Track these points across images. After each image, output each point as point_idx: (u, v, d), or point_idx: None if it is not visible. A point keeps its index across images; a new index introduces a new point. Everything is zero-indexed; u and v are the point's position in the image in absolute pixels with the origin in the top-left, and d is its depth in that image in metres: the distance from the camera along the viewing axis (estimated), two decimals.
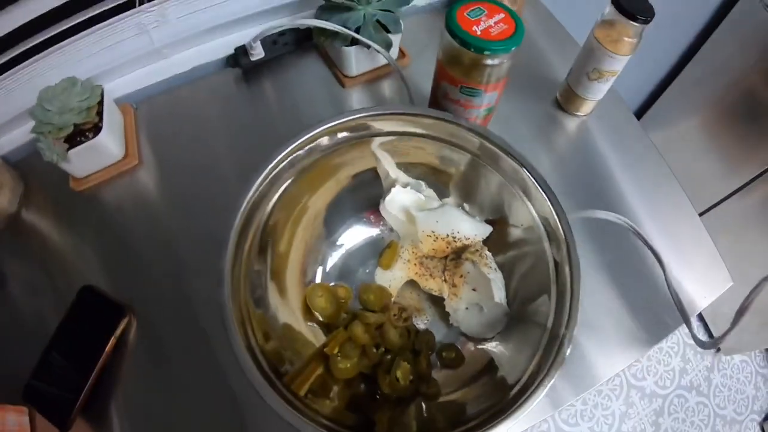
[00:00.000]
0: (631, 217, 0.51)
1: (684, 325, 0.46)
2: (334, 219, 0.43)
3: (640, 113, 1.23)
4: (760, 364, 1.22)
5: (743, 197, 0.99)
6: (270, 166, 0.35)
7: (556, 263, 0.36)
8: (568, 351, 0.32)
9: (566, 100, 0.55)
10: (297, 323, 0.39)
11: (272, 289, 0.37)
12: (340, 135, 0.38)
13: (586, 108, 0.55)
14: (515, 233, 0.41)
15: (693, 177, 1.06)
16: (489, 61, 0.38)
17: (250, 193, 0.35)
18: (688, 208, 0.52)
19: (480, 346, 0.41)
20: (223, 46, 0.56)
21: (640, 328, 0.45)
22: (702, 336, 1.21)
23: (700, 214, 1.06)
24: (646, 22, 0.44)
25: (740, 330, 1.20)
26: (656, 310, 0.46)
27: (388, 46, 0.48)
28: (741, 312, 0.42)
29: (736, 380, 1.19)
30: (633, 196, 0.52)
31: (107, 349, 0.41)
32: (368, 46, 0.46)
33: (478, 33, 0.37)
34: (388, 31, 0.48)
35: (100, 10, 0.50)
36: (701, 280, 0.49)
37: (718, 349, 1.20)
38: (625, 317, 0.46)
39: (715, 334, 1.19)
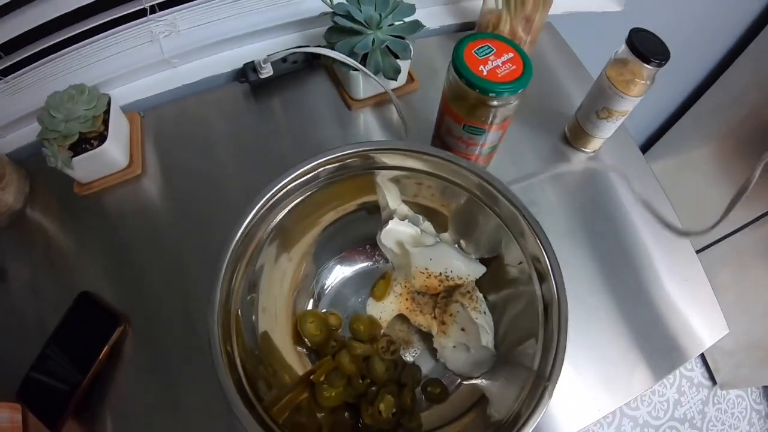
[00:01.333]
0: (631, 255, 0.50)
1: (679, 366, 0.47)
2: (331, 246, 0.43)
3: (652, 141, 1.22)
4: (756, 400, 1.21)
5: (752, 231, 0.98)
6: (270, 193, 0.35)
7: (545, 306, 0.36)
8: (550, 399, 0.32)
9: (574, 135, 0.55)
10: (282, 344, 0.39)
11: (262, 310, 0.38)
12: (342, 164, 0.38)
13: (594, 145, 0.54)
14: (511, 272, 0.41)
15: (702, 207, 1.05)
16: (494, 103, 0.37)
17: (248, 219, 0.35)
18: (690, 253, 0.52)
19: (466, 382, 0.41)
20: (231, 59, 0.57)
21: (640, 365, 0.46)
22: (700, 374, 1.21)
23: (708, 247, 1.05)
24: (660, 64, 0.43)
25: (738, 366, 1.19)
26: (658, 347, 0.47)
27: (396, 72, 0.48)
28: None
29: (731, 415, 1.18)
30: (635, 236, 0.52)
31: (101, 356, 0.42)
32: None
33: (485, 73, 0.36)
34: (397, 57, 0.48)
35: (112, 17, 0.50)
36: (698, 326, 0.48)
37: (715, 383, 1.19)
38: (626, 354, 0.46)
39: (714, 369, 1.18)
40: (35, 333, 0.44)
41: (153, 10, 0.52)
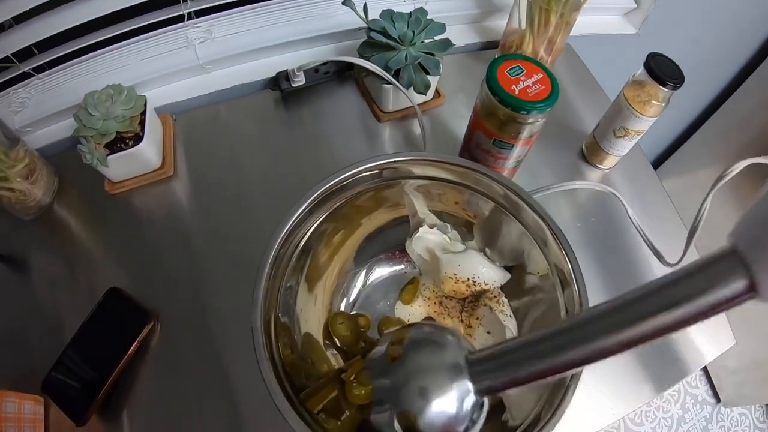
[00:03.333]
0: (643, 268, 0.52)
1: (684, 377, 0.47)
2: (363, 252, 0.45)
3: (660, 160, 1.24)
4: (759, 418, 1.21)
5: None
6: (309, 200, 0.37)
7: (567, 312, 0.37)
8: (571, 400, 0.33)
9: (591, 152, 0.57)
10: (317, 338, 0.41)
11: (300, 306, 0.39)
12: (374, 174, 0.40)
13: (610, 162, 0.56)
14: (531, 280, 0.42)
15: (708, 227, 1.06)
16: (524, 120, 0.39)
17: (288, 225, 0.36)
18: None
19: None
20: (264, 67, 0.59)
21: (644, 376, 0.46)
22: (704, 391, 1.21)
23: None
24: (676, 87, 0.46)
25: (741, 384, 1.19)
26: (662, 360, 0.47)
27: (426, 87, 0.50)
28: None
29: None
30: (647, 250, 0.53)
31: (130, 351, 0.43)
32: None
33: (517, 92, 0.39)
34: (428, 73, 0.50)
35: (151, 21, 0.52)
36: (705, 337, 0.50)
37: (719, 401, 1.20)
38: (631, 364, 0.47)
39: (718, 387, 1.19)
40: (58, 326, 0.45)
41: (190, 16, 0.54)
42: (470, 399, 0.24)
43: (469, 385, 0.25)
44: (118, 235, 0.51)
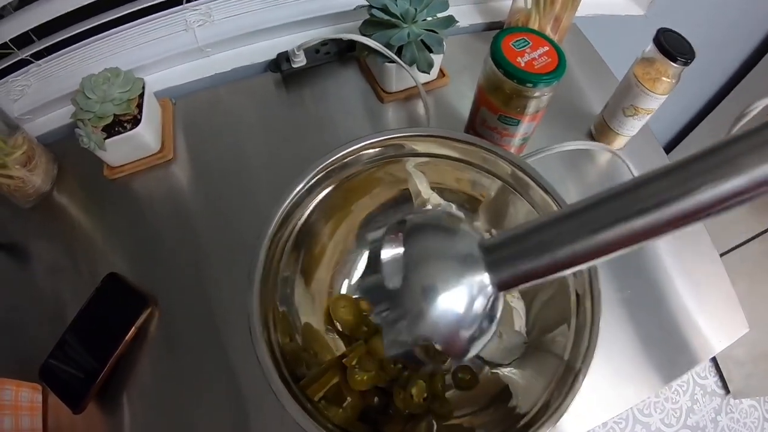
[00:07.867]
0: (653, 254, 0.51)
1: (695, 366, 0.46)
2: (364, 233, 0.44)
3: (671, 146, 1.22)
4: None
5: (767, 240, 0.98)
6: (308, 177, 0.36)
7: (577, 295, 0.36)
8: (582, 384, 0.32)
9: (600, 133, 0.55)
10: (319, 326, 0.40)
11: (299, 294, 0.38)
12: (377, 152, 0.39)
13: (619, 143, 0.55)
14: None
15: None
16: (530, 93, 0.38)
17: (286, 203, 0.35)
18: (709, 249, 0.52)
19: (496, 371, 0.41)
20: (264, 49, 0.58)
21: (653, 365, 0.45)
22: (714, 382, 1.20)
23: (722, 255, 1.05)
24: (686, 63, 0.44)
25: (749, 375, 1.18)
26: (671, 349, 0.46)
27: (429, 65, 0.49)
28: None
29: (743, 425, 1.17)
30: None
31: (127, 337, 0.42)
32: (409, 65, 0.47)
33: (522, 65, 0.37)
34: (431, 51, 0.49)
35: (148, 4, 0.51)
36: (718, 324, 0.48)
37: (728, 392, 1.18)
38: (639, 353, 0.45)
39: (727, 378, 1.17)
40: (58, 314, 0.44)
41: None
42: (483, 296, 0.20)
43: (485, 278, 0.20)
44: (117, 221, 0.50)
